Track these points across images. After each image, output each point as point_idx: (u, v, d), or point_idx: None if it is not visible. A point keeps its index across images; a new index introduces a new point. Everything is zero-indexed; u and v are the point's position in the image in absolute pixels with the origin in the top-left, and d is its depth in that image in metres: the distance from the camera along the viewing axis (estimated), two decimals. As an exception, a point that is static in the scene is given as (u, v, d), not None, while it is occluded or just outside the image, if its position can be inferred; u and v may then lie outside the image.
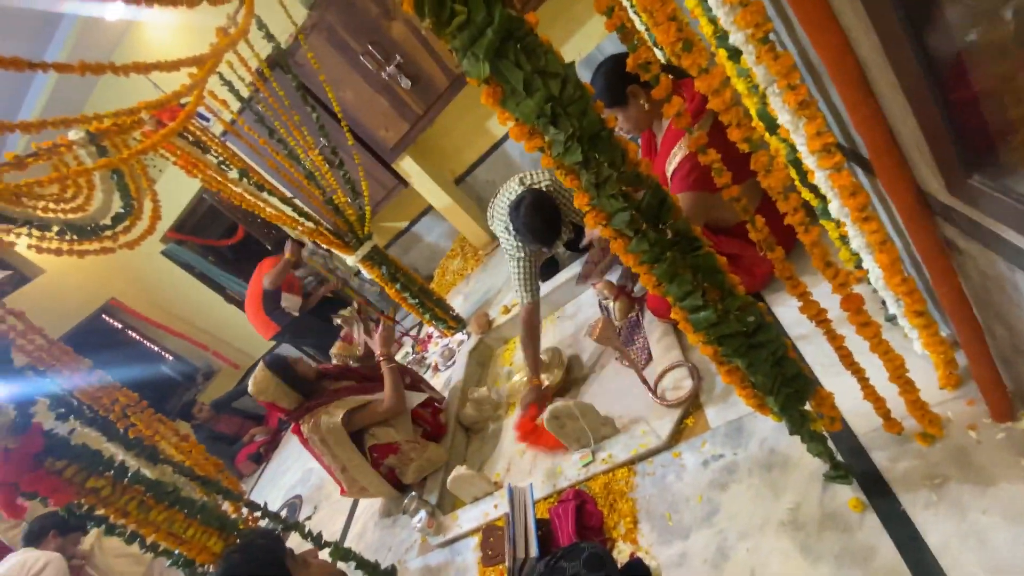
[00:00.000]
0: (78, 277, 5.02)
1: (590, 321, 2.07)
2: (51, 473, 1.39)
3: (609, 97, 1.60)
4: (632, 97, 1.58)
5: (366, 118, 3.45)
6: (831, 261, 0.84)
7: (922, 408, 1.00)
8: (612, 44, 3.22)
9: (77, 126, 1.77)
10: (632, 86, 1.56)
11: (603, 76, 1.59)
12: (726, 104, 0.73)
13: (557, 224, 1.98)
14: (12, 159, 1.70)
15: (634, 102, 1.59)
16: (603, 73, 1.59)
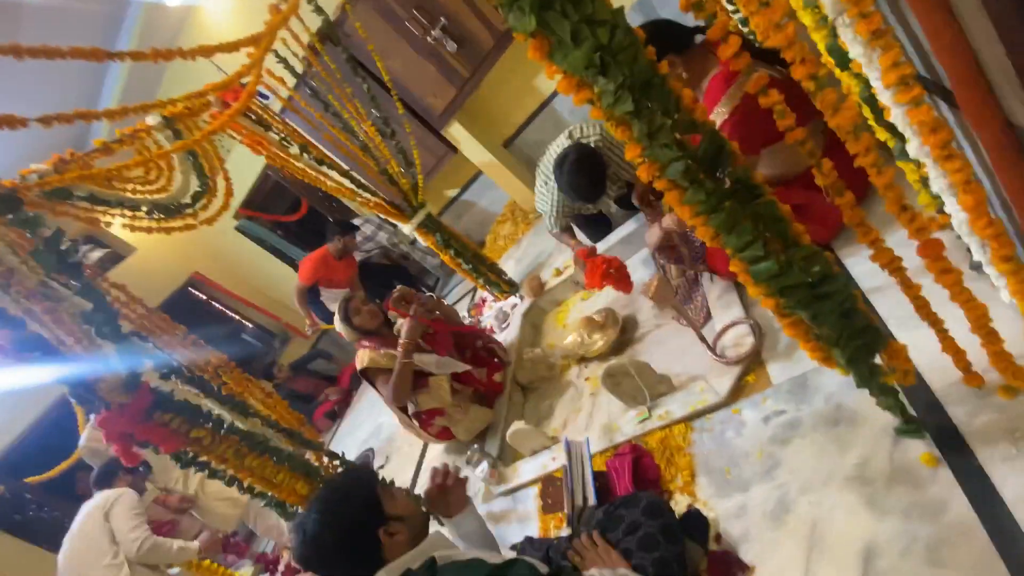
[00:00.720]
0: (164, 254, 5.48)
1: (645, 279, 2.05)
2: (160, 425, 1.57)
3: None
4: (670, 67, 1.50)
5: (414, 86, 3.47)
6: (907, 205, 0.79)
7: (1006, 360, 0.94)
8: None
9: (154, 111, 1.90)
10: (668, 55, 1.48)
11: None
12: (789, 39, 0.69)
13: (601, 182, 1.95)
14: (100, 145, 1.87)
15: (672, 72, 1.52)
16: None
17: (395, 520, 1.08)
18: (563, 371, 2.37)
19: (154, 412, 1.56)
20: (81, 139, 4.17)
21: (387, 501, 1.10)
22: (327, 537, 1.04)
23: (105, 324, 1.38)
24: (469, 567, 0.96)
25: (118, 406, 1.52)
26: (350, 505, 1.07)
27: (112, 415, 1.52)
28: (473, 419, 2.32)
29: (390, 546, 1.05)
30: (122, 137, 1.98)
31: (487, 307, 3.52)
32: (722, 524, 1.25)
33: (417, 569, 0.99)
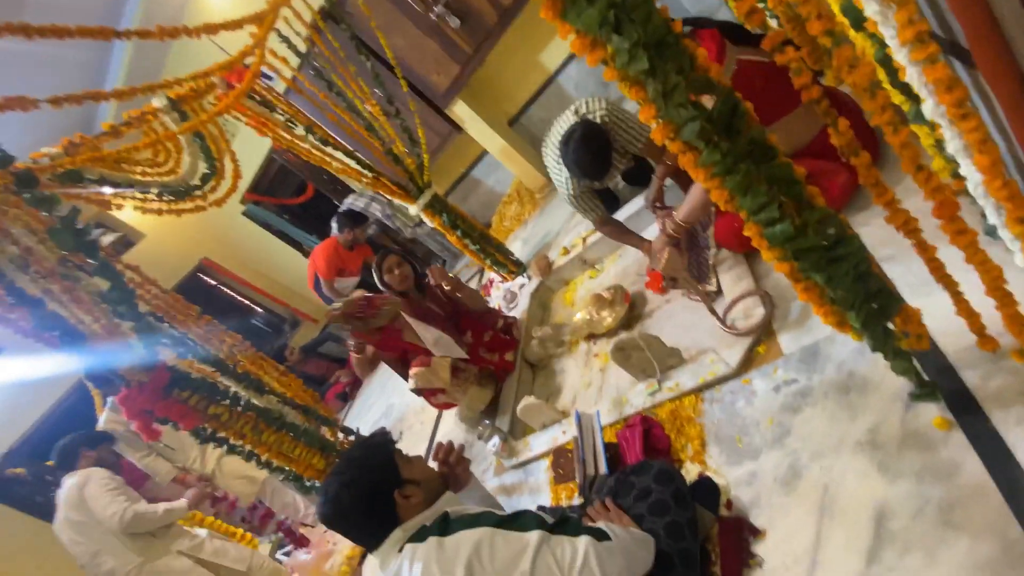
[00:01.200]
0: (174, 240, 5.52)
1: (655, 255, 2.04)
2: (178, 402, 1.61)
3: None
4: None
5: (417, 64, 3.43)
6: (923, 164, 0.78)
7: (1020, 322, 0.93)
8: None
9: (160, 91, 1.90)
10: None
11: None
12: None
13: (607, 159, 1.93)
14: (108, 128, 1.87)
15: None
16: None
17: (411, 483, 1.13)
18: (572, 348, 2.39)
19: (172, 390, 1.60)
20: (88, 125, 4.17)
21: (403, 466, 1.15)
22: (346, 498, 1.09)
23: (122, 302, 1.40)
24: (480, 517, 1.00)
25: (137, 384, 1.56)
26: (368, 468, 1.12)
27: (132, 393, 1.56)
28: (472, 398, 2.36)
29: (405, 507, 1.10)
30: (129, 120, 1.98)
31: (495, 287, 3.54)
32: (733, 491, 1.27)
33: (431, 524, 1.03)
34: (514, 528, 0.95)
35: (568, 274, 2.89)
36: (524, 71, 3.74)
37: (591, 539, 0.95)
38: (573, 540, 0.94)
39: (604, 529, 1.00)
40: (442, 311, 2.51)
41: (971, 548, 0.87)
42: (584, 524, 1.04)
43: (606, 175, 2.05)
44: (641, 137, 1.90)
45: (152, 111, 2.09)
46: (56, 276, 1.28)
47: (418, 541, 1.02)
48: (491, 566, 0.93)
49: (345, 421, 4.21)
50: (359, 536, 1.15)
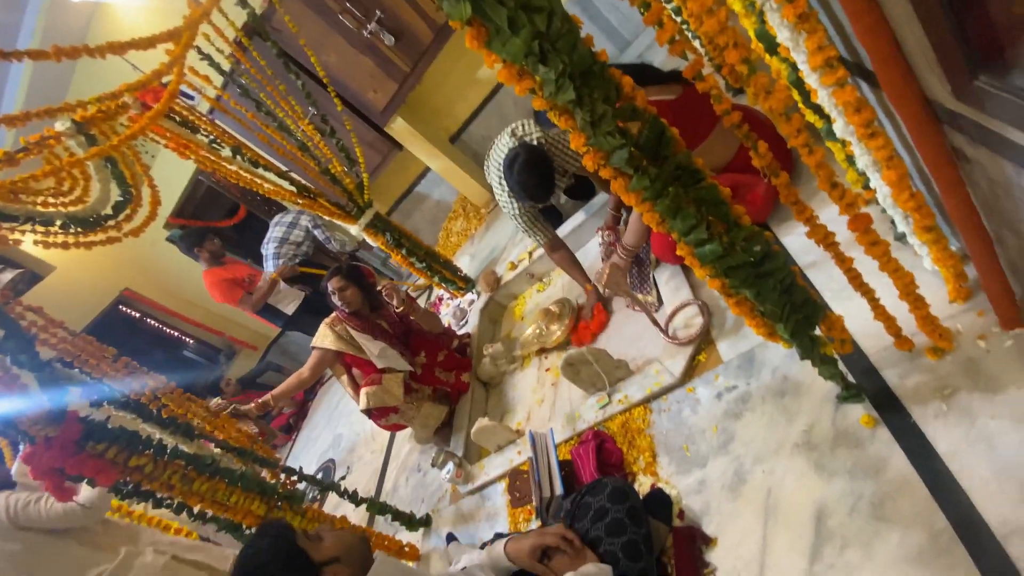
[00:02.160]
0: (89, 271, 5.08)
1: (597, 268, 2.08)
2: (93, 456, 1.46)
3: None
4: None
5: (353, 81, 3.36)
6: (837, 182, 0.83)
7: (932, 323, 1.01)
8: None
9: (62, 115, 1.75)
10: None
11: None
12: (721, 25, 0.70)
13: (551, 181, 1.98)
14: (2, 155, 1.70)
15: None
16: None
17: (329, 564, 0.99)
18: (524, 364, 2.38)
19: (86, 443, 1.45)
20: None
21: (312, 548, 1.00)
22: None
23: (21, 352, 1.26)
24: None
25: (44, 439, 1.40)
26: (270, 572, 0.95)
27: (38, 450, 1.39)
28: (426, 416, 2.32)
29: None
30: (28, 146, 1.80)
31: (443, 305, 3.49)
32: (684, 500, 1.29)
33: None
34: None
35: (516, 288, 2.90)
36: (463, 88, 3.74)
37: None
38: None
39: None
40: (392, 330, 2.44)
41: (902, 540, 0.91)
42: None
43: (550, 197, 2.08)
44: (578, 158, 1.94)
45: (54, 135, 1.91)
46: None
47: None
48: None
49: (290, 455, 4.00)
50: None
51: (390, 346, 2.34)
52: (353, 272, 2.39)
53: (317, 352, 2.38)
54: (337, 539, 1.04)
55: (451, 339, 2.60)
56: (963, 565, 0.83)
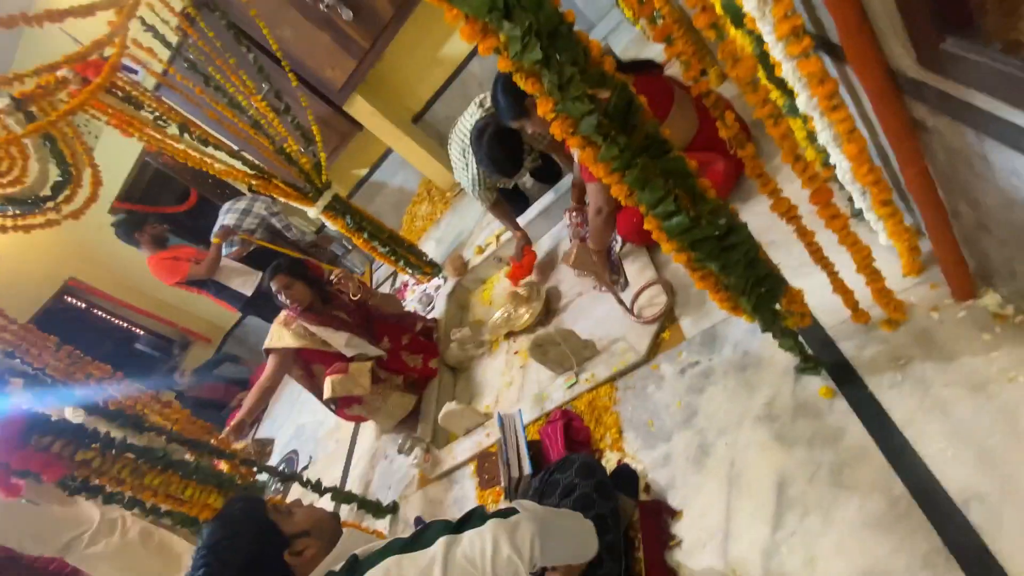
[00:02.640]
0: (30, 260, 4.75)
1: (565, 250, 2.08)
2: (39, 450, 1.36)
3: (512, 112, 1.65)
4: (532, 108, 1.60)
5: (309, 58, 3.21)
6: (800, 155, 0.83)
7: (887, 295, 1.04)
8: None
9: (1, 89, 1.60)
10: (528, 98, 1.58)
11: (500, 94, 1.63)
12: (689, -12, 0.69)
13: (520, 155, 1.98)
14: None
15: (535, 112, 1.62)
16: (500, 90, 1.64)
17: (299, 537, 0.98)
18: (492, 348, 2.36)
19: (31, 436, 1.36)
20: None
21: (283, 521, 0.98)
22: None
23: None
24: (386, 548, 0.91)
25: (-22, 435, 1.30)
26: (240, 544, 0.93)
27: (-27, 446, 1.29)
28: (393, 406, 2.27)
29: (301, 565, 0.95)
30: (-46, 121, 1.64)
31: (409, 291, 3.42)
32: (650, 474, 1.31)
33: (339, 570, 0.92)
34: (419, 547, 0.88)
35: (484, 273, 2.86)
36: (426, 66, 3.63)
37: (497, 521, 0.89)
38: (479, 530, 0.87)
39: (512, 505, 0.95)
40: (351, 319, 2.37)
41: (861, 506, 0.95)
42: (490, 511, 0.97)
43: (517, 172, 2.06)
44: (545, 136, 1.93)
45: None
46: None
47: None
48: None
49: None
50: None
51: (354, 335, 2.27)
52: (295, 267, 2.28)
53: (275, 355, 2.26)
54: (307, 514, 1.02)
55: (415, 322, 2.55)
56: (922, 530, 0.86)
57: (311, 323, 2.24)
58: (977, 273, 0.96)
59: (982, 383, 0.91)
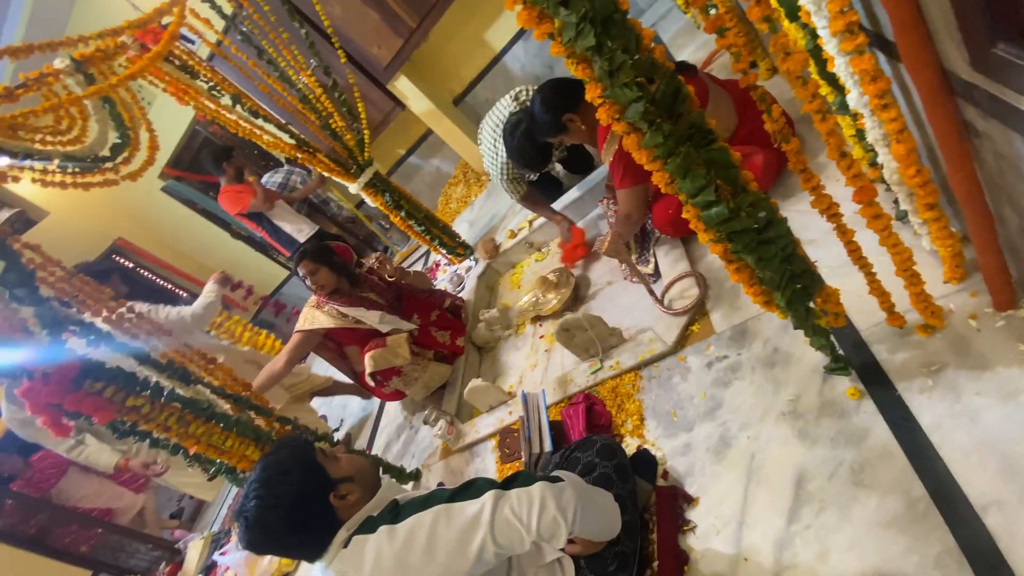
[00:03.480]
0: (83, 218, 5.02)
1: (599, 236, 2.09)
2: (91, 394, 1.47)
3: (550, 129, 1.72)
4: (570, 124, 1.69)
5: (357, 35, 3.27)
6: (846, 151, 0.83)
7: (925, 300, 1.03)
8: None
9: (63, 49, 1.70)
10: (567, 114, 1.68)
11: (538, 112, 1.71)
12: (745, -20, 0.69)
13: (549, 153, 2.06)
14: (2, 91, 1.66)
15: (573, 127, 1.70)
16: (537, 109, 1.71)
17: (344, 482, 1.04)
18: (519, 331, 2.40)
19: (84, 381, 1.46)
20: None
21: (330, 465, 1.04)
22: (272, 519, 0.96)
23: (19, 285, 1.26)
24: (431, 496, 0.97)
25: (41, 375, 1.41)
26: (290, 480, 0.99)
27: (35, 385, 1.41)
28: (431, 376, 2.33)
29: (344, 508, 1.01)
30: (27, 82, 1.75)
31: (441, 270, 3.49)
32: (669, 461, 1.33)
33: (379, 514, 0.99)
34: (466, 498, 0.93)
35: (515, 257, 2.90)
36: (470, 49, 3.66)
37: (545, 483, 0.94)
38: (527, 489, 0.92)
39: (557, 474, 1.00)
40: (382, 299, 2.43)
41: (879, 505, 0.95)
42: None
43: (543, 168, 2.13)
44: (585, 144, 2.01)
45: (53, 72, 1.86)
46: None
47: (366, 532, 0.96)
48: (451, 541, 0.90)
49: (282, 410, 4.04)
50: (299, 553, 1.02)
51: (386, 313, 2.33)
52: (320, 252, 2.29)
53: (300, 336, 2.28)
54: (351, 461, 1.09)
55: (442, 299, 2.60)
56: (938, 531, 0.87)
57: (342, 305, 2.29)
58: (1019, 282, 0.94)
59: (1014, 393, 0.90)
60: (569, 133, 1.73)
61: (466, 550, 0.91)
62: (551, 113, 1.68)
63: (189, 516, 4.09)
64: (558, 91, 1.71)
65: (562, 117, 1.68)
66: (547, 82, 1.75)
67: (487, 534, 0.90)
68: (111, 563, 3.53)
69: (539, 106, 1.71)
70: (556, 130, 1.72)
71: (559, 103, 1.67)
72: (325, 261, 2.28)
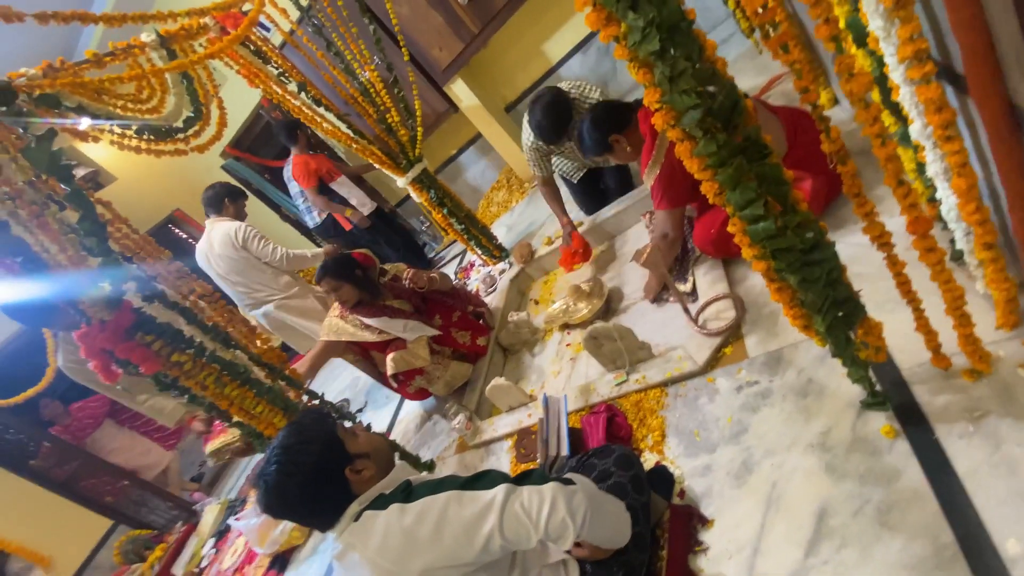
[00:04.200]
0: (147, 186, 5.32)
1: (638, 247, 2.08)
2: (141, 345, 1.56)
3: (596, 148, 1.82)
4: (616, 144, 1.79)
5: (420, 35, 3.38)
6: (903, 180, 0.82)
7: (974, 344, 0.99)
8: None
9: (152, 23, 1.83)
10: (614, 135, 1.78)
11: (587, 131, 1.80)
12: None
13: (561, 129, 2.18)
14: (92, 56, 1.79)
15: (619, 148, 1.80)
16: (586, 129, 1.81)
17: (360, 457, 1.07)
18: (546, 336, 2.41)
19: (136, 332, 1.55)
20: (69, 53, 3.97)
21: (348, 440, 1.08)
22: (291, 486, 1.00)
23: (92, 235, 1.35)
24: (444, 482, 0.99)
25: (99, 322, 1.51)
26: (311, 450, 1.02)
27: (92, 331, 1.50)
28: (453, 374, 2.36)
29: (358, 483, 1.04)
30: (115, 51, 1.89)
31: (475, 271, 3.53)
32: (687, 481, 1.32)
33: (391, 492, 1.01)
34: (479, 487, 0.95)
35: (549, 264, 2.92)
36: (526, 58, 3.73)
37: (557, 484, 0.95)
38: (539, 488, 0.94)
39: (569, 477, 1.01)
40: (408, 303, 2.43)
41: (904, 548, 0.92)
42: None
43: (557, 141, 2.27)
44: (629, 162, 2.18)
45: (140, 44, 2.00)
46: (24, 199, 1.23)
47: (378, 509, 0.99)
48: (459, 527, 0.92)
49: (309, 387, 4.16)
50: (311, 520, 1.07)
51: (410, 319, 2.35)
52: (341, 268, 2.27)
53: (324, 344, 2.31)
54: (369, 438, 1.13)
55: (464, 301, 2.61)
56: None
57: (366, 316, 2.30)
58: (1081, 335, 0.90)
59: (1061, 448, 0.86)
60: (614, 153, 1.83)
61: (473, 538, 0.92)
62: (600, 132, 1.78)
63: (208, 481, 4.23)
64: (608, 112, 1.81)
65: (609, 137, 1.77)
66: (599, 103, 1.91)
67: (495, 525, 0.92)
68: (132, 516, 3.69)
69: (588, 125, 1.80)
70: (602, 148, 1.82)
71: (607, 124, 1.77)
72: (347, 277, 2.27)
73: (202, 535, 3.22)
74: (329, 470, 1.03)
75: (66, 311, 1.45)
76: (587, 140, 1.81)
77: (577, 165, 2.66)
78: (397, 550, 0.94)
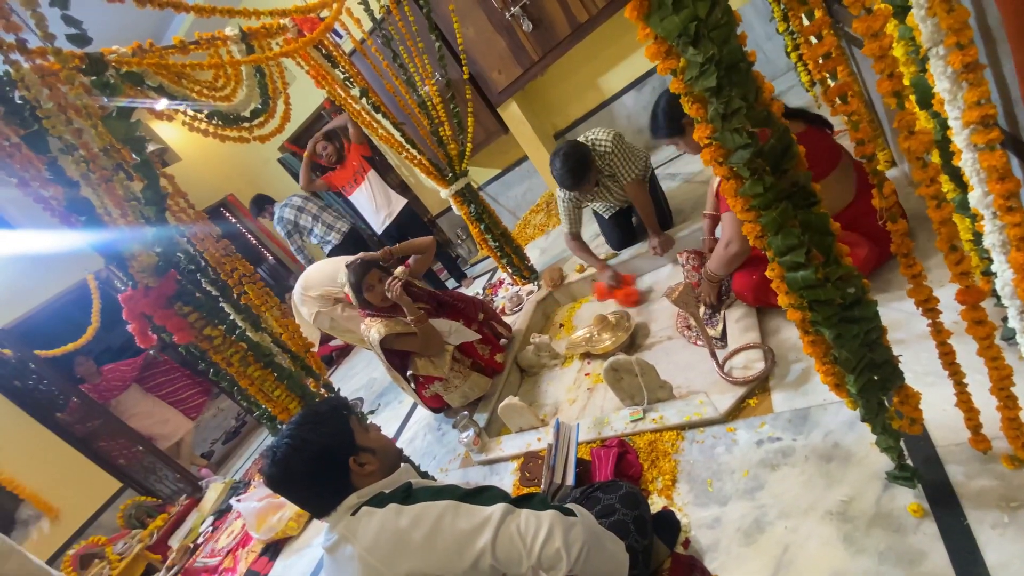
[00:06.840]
0: (208, 169, 5.60)
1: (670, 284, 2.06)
2: (178, 315, 1.63)
3: (668, 128, 1.78)
4: (689, 127, 1.74)
5: (482, 57, 3.49)
6: (957, 245, 0.79)
7: (1018, 428, 0.93)
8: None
9: (237, 18, 1.95)
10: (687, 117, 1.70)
11: (662, 110, 1.77)
12: (883, 50, 0.69)
13: (580, 177, 2.25)
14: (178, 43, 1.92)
15: (690, 132, 1.75)
16: (662, 108, 1.77)
17: (366, 451, 1.08)
18: (565, 363, 2.39)
19: (176, 302, 1.62)
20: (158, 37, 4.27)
21: (359, 432, 1.09)
22: (296, 461, 1.02)
23: (153, 204, 1.43)
24: (444, 490, 0.98)
25: (144, 287, 1.58)
26: (321, 431, 1.05)
27: (136, 294, 1.57)
28: (472, 385, 2.35)
29: (360, 475, 1.05)
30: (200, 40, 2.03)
31: (503, 288, 3.55)
32: (694, 531, 1.27)
33: (391, 492, 1.01)
34: (478, 502, 0.94)
35: (578, 292, 2.91)
36: (582, 90, 3.79)
37: (557, 513, 0.93)
38: (538, 514, 0.92)
39: (571, 507, 0.99)
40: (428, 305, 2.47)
41: (919, 636, 0.86)
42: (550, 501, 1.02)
43: (576, 189, 2.33)
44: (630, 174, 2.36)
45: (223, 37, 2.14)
46: (97, 163, 1.31)
47: (375, 506, 0.99)
48: (452, 538, 0.91)
49: (326, 383, 4.22)
50: (308, 501, 1.08)
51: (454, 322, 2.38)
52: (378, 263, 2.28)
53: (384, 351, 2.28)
54: (379, 437, 1.14)
55: (476, 310, 2.60)
56: None
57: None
58: None
59: (1112, 556, 0.79)
60: (684, 137, 1.77)
61: (464, 552, 0.91)
62: (674, 112, 1.73)
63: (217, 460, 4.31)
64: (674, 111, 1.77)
65: (683, 119, 1.72)
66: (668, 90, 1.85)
67: (488, 543, 0.90)
68: (140, 481, 3.79)
69: (665, 104, 1.76)
70: (674, 131, 1.77)
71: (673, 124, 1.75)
72: (387, 271, 2.30)
73: (203, 511, 3.27)
74: (334, 455, 1.04)
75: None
76: (660, 119, 1.77)
77: (609, 204, 2.67)
78: (387, 550, 0.94)
